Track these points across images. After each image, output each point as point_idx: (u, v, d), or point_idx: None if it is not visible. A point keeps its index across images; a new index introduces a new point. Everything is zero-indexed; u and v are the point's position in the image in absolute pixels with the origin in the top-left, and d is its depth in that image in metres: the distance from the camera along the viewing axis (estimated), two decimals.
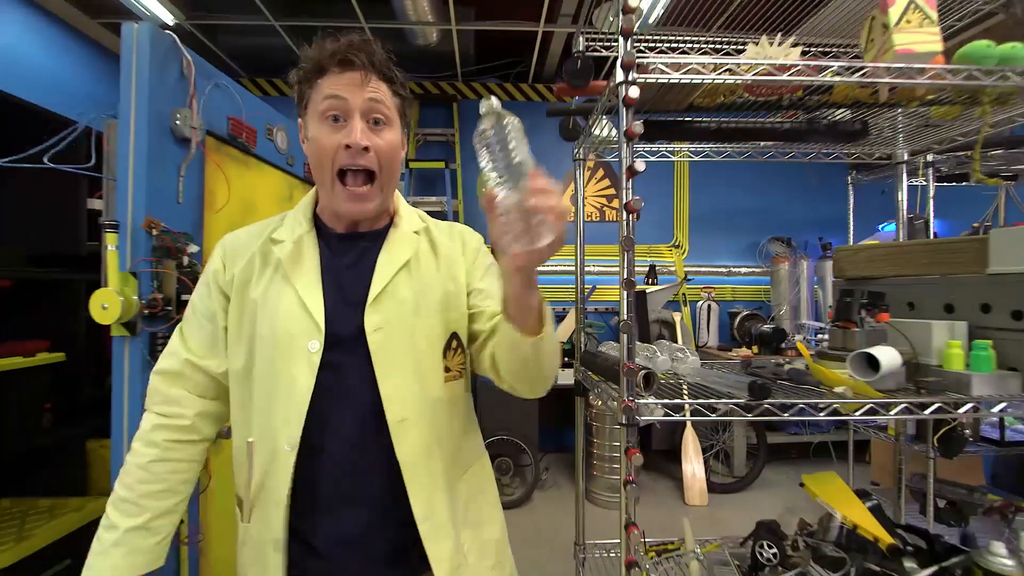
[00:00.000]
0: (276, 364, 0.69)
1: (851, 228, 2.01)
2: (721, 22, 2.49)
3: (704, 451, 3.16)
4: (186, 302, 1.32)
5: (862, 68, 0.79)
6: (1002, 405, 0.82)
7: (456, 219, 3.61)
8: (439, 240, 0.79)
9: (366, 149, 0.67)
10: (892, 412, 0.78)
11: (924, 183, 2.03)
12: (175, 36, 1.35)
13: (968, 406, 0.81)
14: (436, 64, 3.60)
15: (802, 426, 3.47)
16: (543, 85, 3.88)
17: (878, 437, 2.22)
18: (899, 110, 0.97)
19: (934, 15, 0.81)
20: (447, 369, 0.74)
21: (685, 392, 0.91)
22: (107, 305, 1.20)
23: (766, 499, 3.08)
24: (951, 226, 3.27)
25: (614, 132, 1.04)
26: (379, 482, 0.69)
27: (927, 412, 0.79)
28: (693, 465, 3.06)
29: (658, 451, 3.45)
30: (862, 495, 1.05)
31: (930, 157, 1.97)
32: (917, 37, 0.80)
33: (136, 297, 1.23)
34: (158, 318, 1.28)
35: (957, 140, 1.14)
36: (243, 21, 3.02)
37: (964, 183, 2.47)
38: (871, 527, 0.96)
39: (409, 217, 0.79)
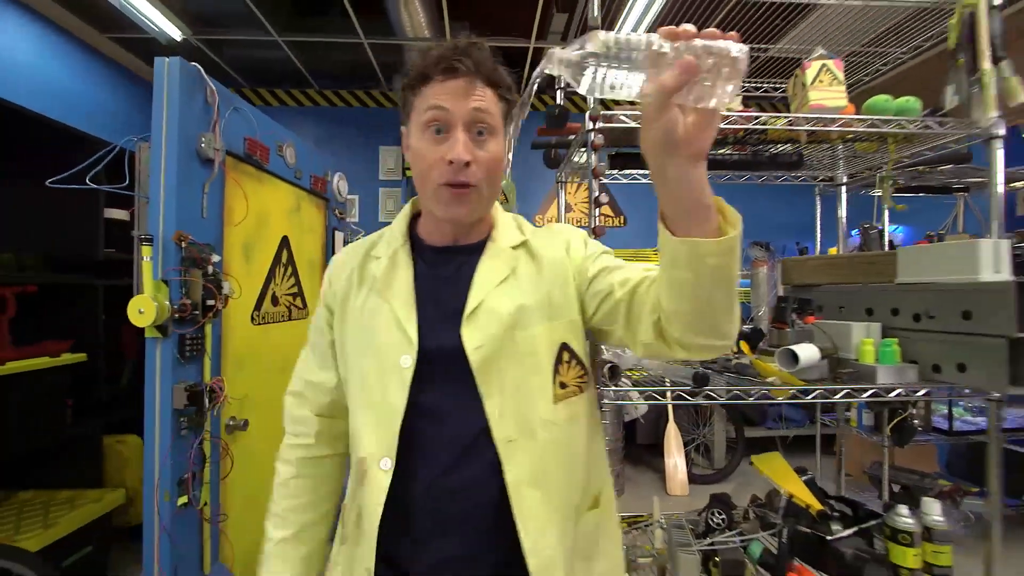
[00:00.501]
0: (369, 379, 0.69)
1: (818, 235, 2.19)
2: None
3: (686, 444, 3.35)
4: (211, 307, 1.50)
5: (786, 117, 0.98)
6: (897, 391, 1.01)
7: None
8: (539, 247, 0.75)
9: (467, 164, 0.64)
10: (809, 396, 0.96)
11: (878, 193, 2.23)
12: (200, 68, 1.50)
13: (869, 391, 1.00)
14: None
15: (777, 420, 3.67)
16: (535, 96, 4.06)
17: (841, 428, 2.42)
18: (827, 145, 1.16)
19: (841, 76, 1.00)
20: (563, 385, 0.69)
21: (667, 382, 1.08)
22: (143, 310, 1.35)
23: (743, 489, 3.26)
24: (915, 233, 3.48)
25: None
26: (481, 508, 0.64)
27: (837, 396, 0.97)
28: (675, 458, 3.25)
29: (642, 445, 3.63)
30: (800, 471, 1.23)
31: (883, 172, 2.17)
32: (828, 94, 0.98)
33: (168, 302, 1.39)
34: (187, 321, 1.43)
35: (880, 167, 1.33)
36: (247, 36, 3.17)
37: (922, 194, 2.68)
38: (805, 496, 1.14)
39: (507, 229, 0.76)
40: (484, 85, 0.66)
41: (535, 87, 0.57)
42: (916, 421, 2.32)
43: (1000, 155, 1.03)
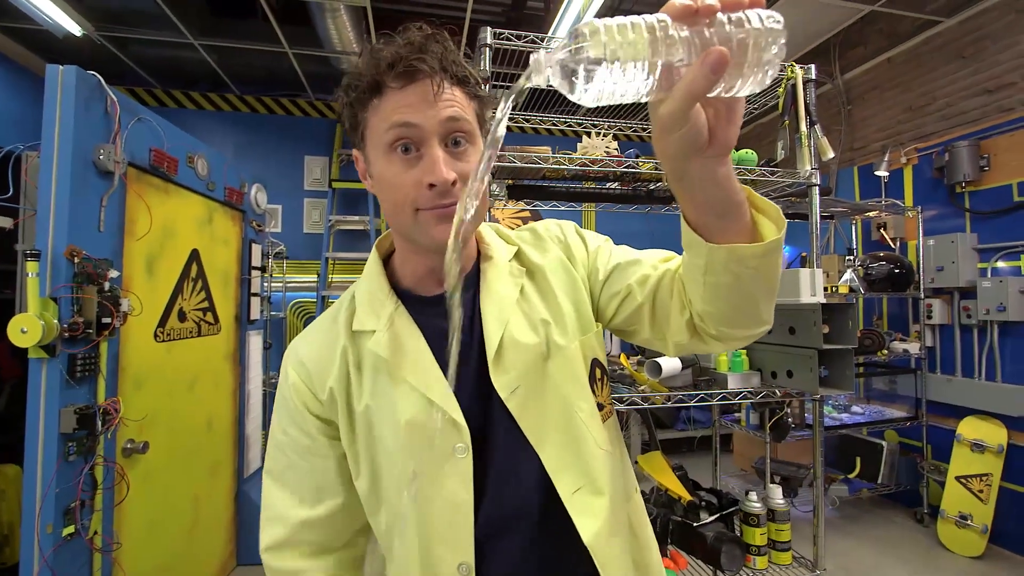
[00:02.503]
0: (420, 482, 0.56)
1: None
2: None
3: None
4: (106, 325, 1.44)
5: (649, 161, 1.15)
6: (742, 393, 1.21)
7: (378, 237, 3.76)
8: (536, 256, 0.64)
9: (453, 184, 0.52)
10: (672, 401, 1.13)
11: None
12: (100, 77, 1.45)
13: (720, 395, 1.19)
14: None
15: (687, 423, 4.00)
16: None
17: (735, 429, 2.71)
18: None
19: None
20: (600, 407, 0.61)
21: None
22: (26, 329, 1.28)
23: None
24: (797, 251, 3.96)
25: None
26: (568, 568, 0.57)
27: (693, 401, 1.15)
28: None
29: None
30: (676, 468, 1.41)
31: None
32: None
33: (56, 321, 1.32)
34: (78, 340, 1.37)
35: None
36: (159, 37, 3.01)
37: (797, 220, 3.07)
38: (677, 489, 1.31)
39: (495, 242, 0.65)
40: (452, 85, 0.54)
41: (509, 107, 0.41)
42: (790, 419, 2.65)
43: (816, 200, 1.27)
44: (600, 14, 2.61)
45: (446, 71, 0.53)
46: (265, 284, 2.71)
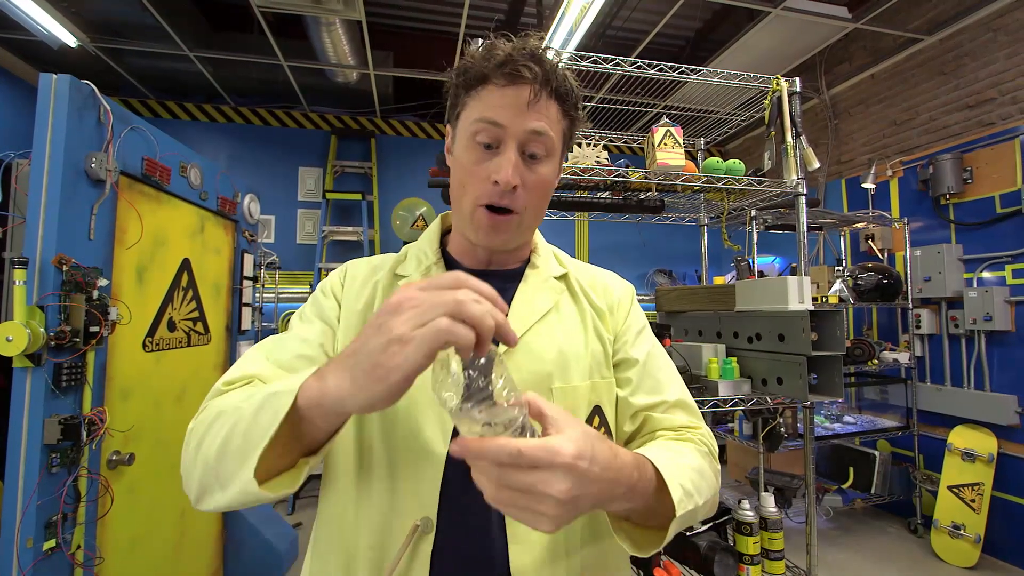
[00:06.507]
0: (398, 421, 0.56)
1: (705, 265, 2.47)
2: (638, 53, 2.97)
3: None
4: (94, 334, 1.42)
5: (639, 171, 1.18)
6: (734, 400, 1.21)
7: (372, 248, 3.76)
8: (583, 289, 0.66)
9: (514, 188, 0.56)
10: None
11: (749, 230, 2.58)
12: (93, 86, 1.46)
13: (711, 402, 1.19)
14: (355, 100, 3.79)
15: None
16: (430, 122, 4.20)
17: (729, 439, 2.70)
18: (679, 193, 1.39)
19: (681, 141, 1.23)
20: None
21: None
22: (12, 337, 1.26)
23: None
24: (787, 262, 4.00)
25: None
26: None
27: None
28: None
29: None
30: None
31: (753, 212, 2.52)
32: (670, 155, 1.20)
33: (42, 329, 1.30)
34: (65, 349, 1.35)
35: (733, 212, 1.60)
36: (154, 49, 3.03)
37: (786, 231, 3.10)
38: None
39: (547, 257, 0.68)
40: (549, 98, 0.56)
41: None
42: (783, 429, 2.65)
43: (803, 209, 1.30)
44: (594, 25, 2.65)
45: (548, 84, 0.56)
46: (257, 294, 2.69)
